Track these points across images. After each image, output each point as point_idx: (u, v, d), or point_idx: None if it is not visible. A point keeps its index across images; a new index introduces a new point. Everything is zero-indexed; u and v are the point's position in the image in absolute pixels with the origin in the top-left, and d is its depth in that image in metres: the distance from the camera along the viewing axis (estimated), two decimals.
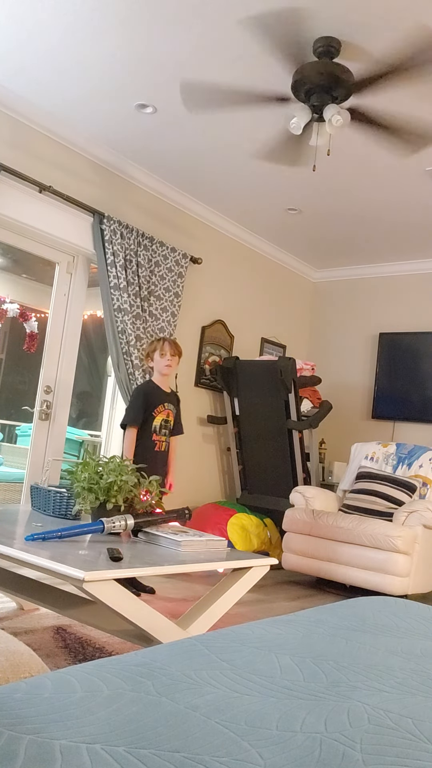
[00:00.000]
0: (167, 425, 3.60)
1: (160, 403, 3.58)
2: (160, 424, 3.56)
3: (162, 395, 3.60)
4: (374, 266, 5.86)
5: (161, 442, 3.58)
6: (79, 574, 1.68)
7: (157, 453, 3.53)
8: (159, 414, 3.56)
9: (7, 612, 2.79)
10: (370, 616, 1.41)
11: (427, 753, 0.75)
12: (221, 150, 3.99)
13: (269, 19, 2.75)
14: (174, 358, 3.60)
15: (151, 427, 3.54)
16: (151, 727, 0.75)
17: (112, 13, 2.85)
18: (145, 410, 3.54)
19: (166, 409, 3.60)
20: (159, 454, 3.55)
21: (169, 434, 3.62)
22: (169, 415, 3.62)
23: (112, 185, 4.32)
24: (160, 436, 3.57)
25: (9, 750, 0.66)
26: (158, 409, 3.57)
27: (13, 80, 3.49)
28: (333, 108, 2.86)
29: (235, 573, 2.25)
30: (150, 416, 3.55)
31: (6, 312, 4.71)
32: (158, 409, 3.57)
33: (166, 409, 3.60)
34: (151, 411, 3.55)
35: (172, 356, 3.58)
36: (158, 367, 3.62)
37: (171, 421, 3.64)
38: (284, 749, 0.72)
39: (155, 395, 3.59)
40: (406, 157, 3.76)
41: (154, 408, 3.56)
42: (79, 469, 2.39)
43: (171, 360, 3.59)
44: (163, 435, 3.58)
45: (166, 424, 3.59)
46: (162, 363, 3.59)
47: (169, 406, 3.62)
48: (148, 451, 3.50)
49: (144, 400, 3.57)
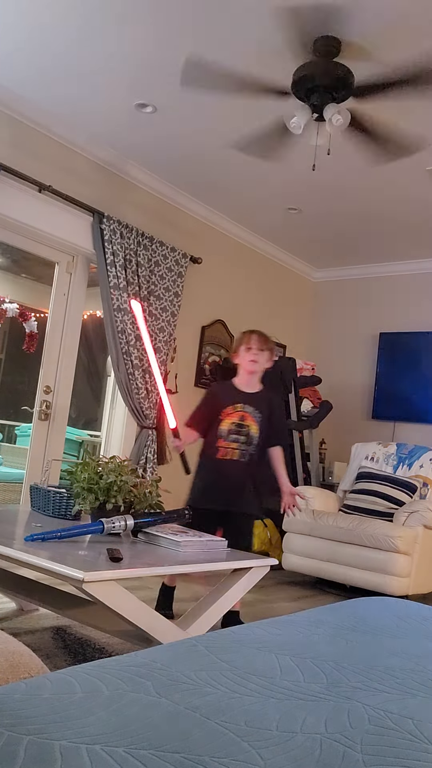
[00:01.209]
0: (243, 431, 3.02)
1: (230, 404, 3.04)
2: (228, 429, 3.00)
3: (236, 395, 3.06)
4: (374, 266, 5.86)
5: (229, 449, 2.99)
6: (78, 574, 1.68)
7: (220, 462, 2.98)
8: (228, 417, 3.03)
9: (6, 612, 2.79)
10: (370, 616, 1.41)
11: (427, 753, 0.75)
12: (221, 149, 3.99)
13: (270, 17, 2.75)
14: (262, 353, 3.06)
15: (217, 431, 3.02)
16: (151, 727, 0.74)
17: (112, 13, 2.85)
18: (206, 411, 3.08)
19: (238, 412, 3.04)
20: (224, 464, 2.98)
21: (249, 441, 3.01)
22: (246, 419, 3.03)
23: (112, 185, 4.31)
24: (229, 442, 3.00)
25: (9, 750, 0.66)
26: (227, 411, 3.03)
27: (13, 80, 3.49)
28: (333, 107, 2.86)
29: (235, 573, 2.25)
30: (216, 419, 3.04)
31: (6, 312, 4.71)
32: (227, 411, 3.03)
33: (240, 411, 3.05)
34: (217, 413, 3.05)
35: (259, 351, 3.05)
36: (242, 363, 3.10)
37: (250, 427, 3.03)
38: (284, 750, 0.72)
39: (225, 395, 3.09)
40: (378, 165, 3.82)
41: (221, 409, 3.04)
42: (78, 470, 2.38)
43: (257, 355, 3.05)
44: (234, 441, 2.99)
45: (240, 429, 3.02)
46: (246, 358, 3.06)
47: (246, 408, 3.04)
48: (208, 459, 3.04)
49: (205, 400, 3.16)
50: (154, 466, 4.38)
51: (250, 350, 3.05)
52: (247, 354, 3.06)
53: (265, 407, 3.08)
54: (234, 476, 2.98)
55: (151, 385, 4.36)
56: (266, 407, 3.09)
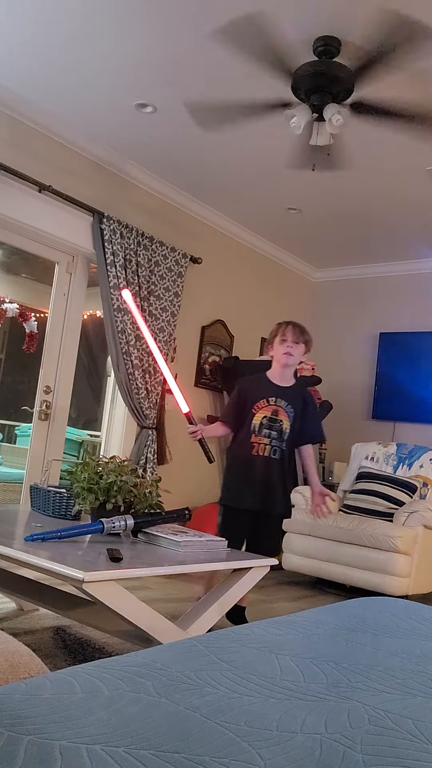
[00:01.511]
0: (276, 425, 2.91)
1: (262, 397, 2.93)
2: (260, 423, 2.90)
3: (269, 388, 2.94)
4: (374, 266, 5.86)
5: (261, 444, 2.89)
6: (78, 574, 1.68)
7: (253, 458, 2.89)
8: (260, 410, 2.92)
9: (6, 612, 2.79)
10: (370, 616, 1.41)
11: (427, 754, 0.75)
12: (221, 149, 3.99)
13: (270, 16, 2.75)
14: (297, 345, 2.92)
15: (249, 426, 2.92)
16: (151, 727, 0.74)
17: (112, 13, 2.84)
18: (238, 405, 2.98)
19: (271, 406, 2.93)
20: (255, 460, 2.88)
21: (281, 437, 2.91)
22: (279, 413, 2.92)
23: (112, 185, 4.31)
24: (261, 437, 2.89)
25: (9, 750, 0.66)
26: (259, 405, 2.93)
27: (13, 80, 3.49)
28: (333, 107, 2.86)
29: (235, 573, 2.25)
30: (249, 413, 2.94)
31: (6, 312, 4.71)
32: (259, 404, 2.93)
33: (273, 405, 2.93)
34: (249, 407, 2.95)
35: (294, 343, 2.92)
36: (276, 355, 2.98)
37: (283, 422, 2.92)
38: (284, 750, 0.72)
39: (258, 388, 2.97)
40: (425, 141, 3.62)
41: (254, 403, 2.94)
42: (78, 470, 2.38)
43: (292, 347, 2.91)
44: (266, 436, 2.89)
45: (273, 424, 2.91)
46: (280, 351, 2.94)
47: (279, 403, 2.93)
48: (239, 455, 2.95)
49: (237, 394, 3.02)
50: (154, 466, 4.37)
51: (284, 342, 2.93)
52: (281, 346, 2.94)
53: (298, 402, 2.96)
54: (266, 474, 2.88)
55: (151, 385, 4.36)
56: (300, 402, 2.96)
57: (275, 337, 2.98)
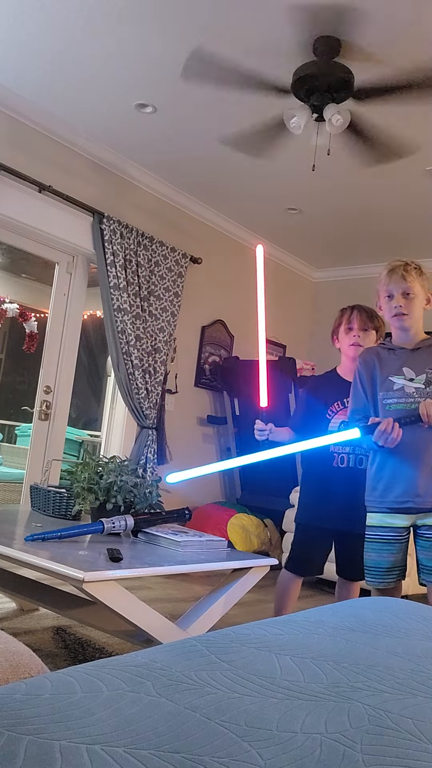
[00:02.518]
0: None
1: (337, 399, 2.55)
2: (338, 429, 2.48)
3: (345, 387, 2.51)
4: (374, 266, 5.85)
5: (343, 455, 2.51)
6: (78, 574, 1.68)
7: (332, 471, 2.51)
8: (337, 415, 2.54)
9: (6, 612, 2.79)
10: (370, 616, 1.41)
11: (427, 754, 0.75)
12: (221, 149, 3.99)
13: (271, 16, 2.75)
14: (366, 333, 2.56)
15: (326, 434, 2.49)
16: (151, 727, 0.74)
17: (112, 12, 2.85)
18: (310, 412, 2.60)
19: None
20: (338, 473, 2.50)
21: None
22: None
23: (112, 185, 4.31)
24: (342, 446, 2.51)
25: (9, 750, 0.66)
26: (334, 408, 2.55)
27: (13, 80, 3.49)
28: (333, 108, 2.86)
29: (235, 573, 2.25)
30: (323, 419, 2.55)
31: (6, 312, 4.71)
32: (334, 407, 2.55)
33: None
34: (323, 411, 2.55)
35: (361, 330, 2.55)
36: (344, 347, 2.61)
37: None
38: (284, 750, 0.72)
39: (329, 389, 2.60)
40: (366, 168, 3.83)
41: (328, 407, 2.55)
42: (78, 470, 2.39)
43: (360, 336, 2.55)
44: (348, 445, 2.50)
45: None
46: (347, 341, 2.58)
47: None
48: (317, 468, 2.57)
49: (306, 398, 2.65)
50: (154, 466, 4.38)
51: (350, 331, 2.57)
52: (347, 336, 2.58)
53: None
54: (350, 487, 2.44)
55: (151, 385, 4.36)
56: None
57: (339, 326, 2.62)
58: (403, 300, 2.27)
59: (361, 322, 2.57)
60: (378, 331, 2.60)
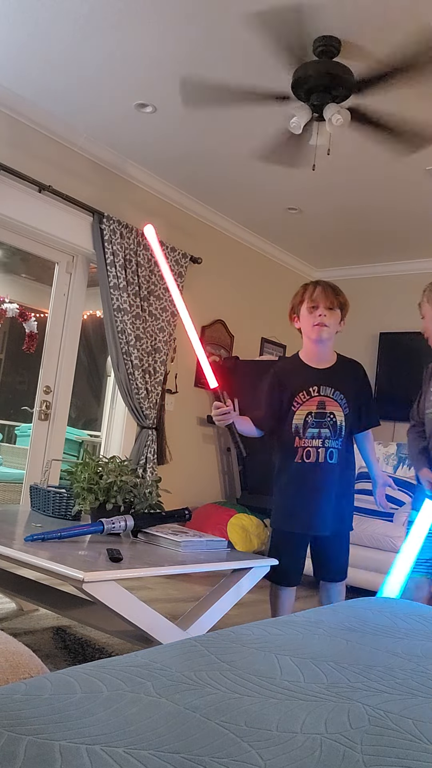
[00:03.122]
0: (327, 422, 2.27)
1: (302, 388, 2.29)
2: (305, 422, 2.27)
3: (307, 376, 2.31)
4: (374, 266, 5.86)
5: (311, 449, 2.27)
6: (78, 574, 1.68)
7: (301, 467, 2.28)
8: (302, 406, 2.28)
9: (6, 612, 2.79)
10: (370, 616, 1.41)
11: (427, 754, 0.75)
12: (221, 149, 3.99)
13: (271, 16, 2.75)
14: (332, 312, 2.28)
15: (290, 427, 2.30)
16: (151, 727, 0.74)
17: (112, 12, 2.84)
18: (275, 403, 2.34)
19: (315, 397, 2.28)
20: (307, 469, 2.28)
21: (336, 434, 2.28)
22: (328, 404, 2.28)
23: (112, 185, 4.31)
24: (309, 439, 2.27)
25: (9, 751, 0.66)
26: (299, 398, 2.29)
27: (13, 80, 3.49)
28: (333, 107, 2.86)
29: (236, 573, 2.25)
30: (288, 411, 2.31)
31: (5, 312, 4.71)
32: (299, 397, 2.29)
33: (317, 396, 2.28)
34: (288, 402, 2.31)
35: (327, 309, 2.27)
36: (306, 328, 2.33)
37: (335, 415, 2.28)
38: (284, 750, 0.72)
39: (293, 377, 2.34)
40: (406, 157, 3.75)
41: (293, 396, 2.30)
42: (78, 470, 2.38)
43: (326, 316, 2.27)
44: (316, 437, 2.27)
45: (322, 421, 2.27)
46: (310, 321, 2.30)
47: (324, 391, 2.29)
48: (285, 465, 2.35)
49: (269, 388, 2.36)
50: (154, 466, 4.37)
51: (315, 310, 2.28)
52: (311, 315, 2.29)
53: (348, 382, 2.35)
54: (322, 485, 2.26)
55: (151, 385, 4.36)
56: (350, 381, 2.36)
57: (301, 303, 2.32)
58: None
59: (327, 299, 2.27)
60: (343, 309, 2.34)
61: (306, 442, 2.28)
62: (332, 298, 2.29)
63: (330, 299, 2.28)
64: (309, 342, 2.36)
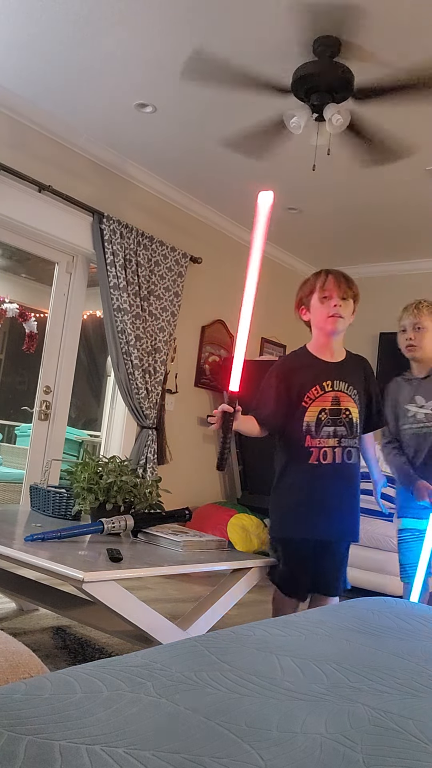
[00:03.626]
0: (342, 419, 2.09)
1: (315, 383, 2.10)
2: (318, 419, 2.06)
3: (320, 370, 2.13)
4: (374, 266, 5.86)
5: (326, 449, 2.07)
6: (78, 574, 1.67)
7: (320, 469, 2.06)
8: (315, 402, 2.09)
9: (6, 612, 2.79)
10: (371, 617, 1.41)
11: (427, 754, 0.75)
12: (221, 149, 3.99)
13: (272, 15, 2.75)
14: (346, 303, 2.12)
15: (300, 425, 2.08)
16: (151, 728, 0.74)
17: (112, 12, 2.84)
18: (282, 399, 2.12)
19: (329, 392, 2.10)
20: (322, 472, 2.07)
21: (351, 431, 2.11)
22: (343, 400, 2.10)
23: (112, 185, 4.31)
24: (323, 438, 2.07)
25: (9, 751, 0.66)
26: (311, 394, 2.09)
27: (13, 80, 3.48)
28: (333, 107, 2.86)
29: (236, 573, 2.25)
30: (297, 407, 2.10)
31: (5, 312, 4.70)
32: (311, 393, 2.09)
33: (332, 391, 2.10)
34: (297, 398, 2.10)
35: (341, 299, 2.10)
36: (318, 319, 2.15)
37: (352, 410, 2.12)
38: (284, 750, 0.72)
39: (305, 371, 2.15)
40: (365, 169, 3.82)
41: (304, 392, 2.10)
42: (78, 470, 2.38)
43: (341, 307, 2.11)
44: (332, 436, 2.07)
45: (337, 418, 2.08)
46: (323, 312, 2.13)
47: (339, 386, 2.11)
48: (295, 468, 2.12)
49: (276, 383, 2.14)
50: (154, 466, 4.37)
51: (328, 300, 2.11)
52: (323, 306, 2.12)
53: (360, 377, 2.19)
54: (339, 488, 2.09)
55: (151, 385, 4.35)
56: (361, 377, 2.20)
57: (311, 294, 2.16)
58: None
59: (341, 289, 2.11)
60: (356, 300, 2.18)
61: (320, 441, 2.07)
62: (345, 288, 2.13)
63: (343, 289, 2.12)
64: (321, 335, 2.18)
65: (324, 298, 2.13)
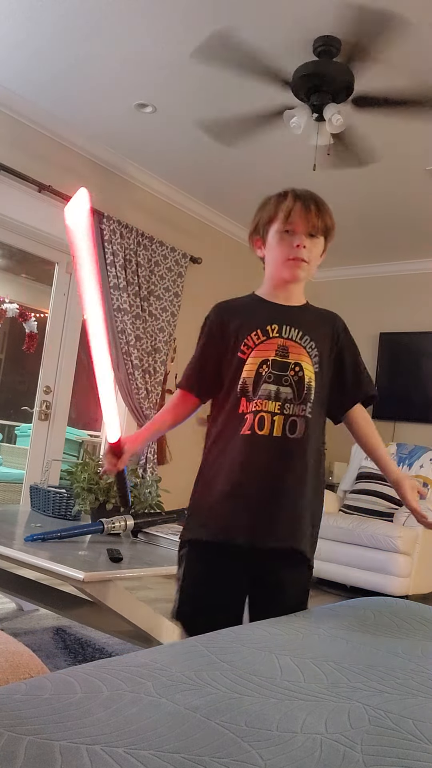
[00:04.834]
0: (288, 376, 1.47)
1: (256, 327, 1.53)
2: (257, 374, 1.48)
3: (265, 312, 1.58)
4: (374, 266, 5.86)
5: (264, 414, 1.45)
6: (78, 574, 1.68)
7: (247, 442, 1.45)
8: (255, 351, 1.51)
9: (6, 612, 2.79)
10: (370, 616, 1.41)
11: (427, 754, 0.75)
12: (221, 149, 3.99)
13: (273, 15, 2.75)
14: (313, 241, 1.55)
15: (236, 384, 1.51)
16: (151, 728, 0.74)
17: (112, 12, 2.84)
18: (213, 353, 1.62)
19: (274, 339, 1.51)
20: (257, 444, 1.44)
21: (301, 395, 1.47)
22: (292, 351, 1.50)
23: (112, 185, 4.31)
24: (262, 400, 1.45)
25: (9, 751, 0.66)
26: (250, 341, 1.52)
27: (13, 80, 3.48)
28: (333, 107, 2.86)
29: None
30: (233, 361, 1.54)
31: (5, 312, 4.71)
32: (250, 339, 1.52)
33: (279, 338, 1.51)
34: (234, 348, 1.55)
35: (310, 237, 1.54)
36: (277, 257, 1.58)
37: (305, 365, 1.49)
38: (284, 750, 0.72)
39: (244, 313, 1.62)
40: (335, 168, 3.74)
41: (241, 338, 1.54)
42: (78, 470, 2.39)
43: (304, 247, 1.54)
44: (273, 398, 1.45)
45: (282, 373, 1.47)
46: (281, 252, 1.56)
47: (289, 333, 1.52)
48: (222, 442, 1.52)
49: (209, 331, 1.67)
50: (154, 466, 4.38)
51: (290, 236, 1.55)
52: (283, 242, 1.55)
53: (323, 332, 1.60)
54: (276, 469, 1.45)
55: (151, 385, 4.36)
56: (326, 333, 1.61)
57: (270, 222, 1.59)
58: None
59: (308, 222, 1.53)
60: (328, 235, 1.61)
61: (258, 404, 1.46)
62: (315, 221, 1.54)
63: (312, 222, 1.53)
64: (276, 278, 1.61)
65: (285, 233, 1.54)
